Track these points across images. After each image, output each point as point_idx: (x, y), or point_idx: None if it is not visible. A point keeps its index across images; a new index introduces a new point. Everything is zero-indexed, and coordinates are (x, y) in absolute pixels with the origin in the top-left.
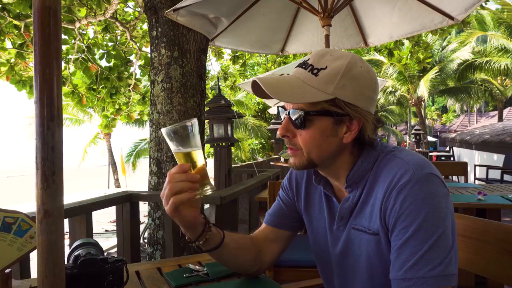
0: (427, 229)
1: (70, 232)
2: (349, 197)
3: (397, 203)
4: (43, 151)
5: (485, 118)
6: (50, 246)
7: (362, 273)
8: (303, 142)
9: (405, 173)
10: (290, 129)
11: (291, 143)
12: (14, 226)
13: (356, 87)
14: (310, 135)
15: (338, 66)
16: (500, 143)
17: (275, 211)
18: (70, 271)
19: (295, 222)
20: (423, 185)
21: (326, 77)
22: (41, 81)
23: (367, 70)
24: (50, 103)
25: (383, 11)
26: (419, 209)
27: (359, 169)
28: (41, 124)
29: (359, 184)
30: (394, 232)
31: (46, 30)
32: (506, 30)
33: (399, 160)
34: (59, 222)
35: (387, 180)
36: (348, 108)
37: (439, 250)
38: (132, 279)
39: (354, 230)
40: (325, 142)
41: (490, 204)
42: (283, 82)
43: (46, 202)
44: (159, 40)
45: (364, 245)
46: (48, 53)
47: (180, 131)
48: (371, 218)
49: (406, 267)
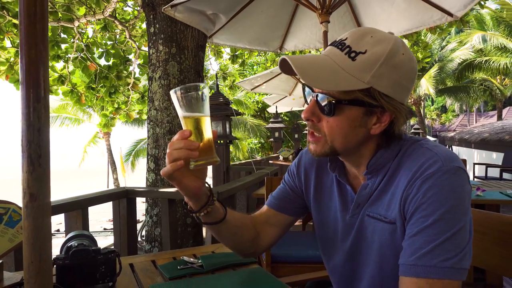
0: (448, 221)
1: (66, 227)
2: (368, 184)
3: (420, 191)
4: (28, 133)
5: (484, 118)
6: (36, 230)
7: (373, 262)
8: (329, 130)
9: (434, 164)
10: (316, 113)
11: (315, 127)
12: (5, 217)
13: (395, 77)
14: (337, 123)
15: (379, 52)
16: (499, 141)
17: (279, 195)
18: (61, 262)
19: (298, 208)
20: (451, 178)
21: (364, 63)
22: (27, 62)
23: (409, 58)
24: (36, 84)
25: (381, 8)
26: (444, 200)
27: (381, 157)
28: (26, 106)
29: (380, 172)
30: (411, 220)
31: (32, 9)
32: (505, 29)
33: (426, 150)
34: (45, 207)
35: (413, 169)
36: (382, 100)
37: (456, 243)
38: (126, 271)
39: (368, 217)
40: (352, 132)
41: (489, 199)
42: (316, 65)
43: (32, 186)
44: (157, 37)
45: (378, 233)
46: (34, 33)
47: (190, 91)
48: (389, 207)
49: (419, 254)
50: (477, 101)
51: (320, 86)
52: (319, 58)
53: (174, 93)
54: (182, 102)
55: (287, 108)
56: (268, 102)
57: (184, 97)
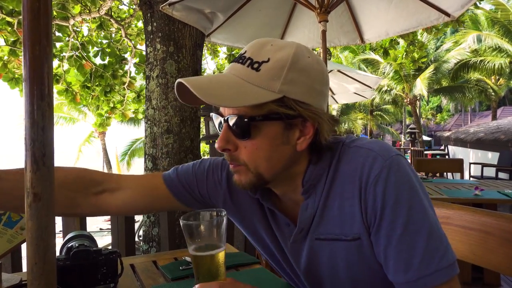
0: (417, 217)
1: (63, 228)
2: (307, 204)
3: (378, 196)
4: (32, 131)
5: (478, 118)
6: (40, 231)
7: (343, 284)
8: (249, 156)
9: (374, 162)
10: (231, 140)
11: (233, 158)
12: (3, 217)
13: (306, 81)
14: (257, 146)
15: (283, 57)
16: (494, 141)
17: (184, 179)
18: (62, 263)
19: (198, 206)
20: (397, 170)
21: (269, 71)
22: (30, 58)
23: (316, 61)
24: (40, 81)
25: (379, 8)
26: (402, 198)
27: (314, 170)
28: (30, 103)
29: (317, 187)
30: (381, 230)
31: (36, 4)
32: (500, 30)
33: (359, 150)
34: (50, 206)
35: (356, 175)
36: (299, 108)
37: (436, 237)
38: (127, 272)
39: (320, 241)
40: (276, 152)
41: (487, 199)
42: (217, 82)
43: (35, 186)
44: (154, 35)
45: (340, 254)
46: (38, 28)
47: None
48: (344, 223)
49: (415, 265)
50: (472, 101)
51: (225, 104)
52: (220, 76)
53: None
54: (197, 235)
55: None
56: None
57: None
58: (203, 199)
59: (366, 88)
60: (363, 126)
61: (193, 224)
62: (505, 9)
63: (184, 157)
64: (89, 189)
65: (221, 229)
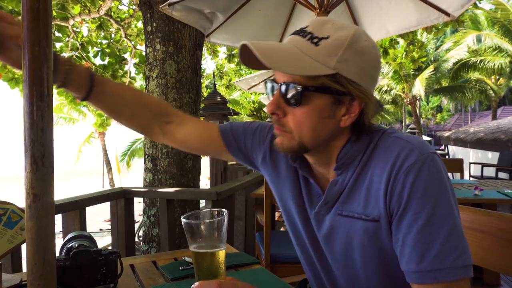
0: (441, 214)
1: (63, 228)
2: (338, 180)
3: (406, 186)
4: (32, 132)
5: (478, 118)
6: (40, 231)
7: (355, 261)
8: (296, 123)
9: (410, 154)
10: (281, 106)
11: (280, 123)
12: (3, 218)
13: (361, 63)
14: (305, 114)
15: (342, 37)
16: (494, 141)
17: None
18: (62, 263)
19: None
20: (431, 166)
21: (328, 48)
22: (30, 59)
23: (373, 45)
24: (39, 82)
25: (379, 7)
26: (431, 192)
27: (351, 149)
28: (30, 104)
29: (350, 166)
30: (404, 218)
31: (35, 5)
32: (500, 30)
33: (396, 139)
34: (49, 207)
35: (389, 161)
36: (350, 86)
37: (457, 236)
38: (126, 272)
39: (341, 216)
40: (321, 124)
41: (487, 199)
42: (278, 50)
43: (35, 186)
44: (154, 35)
45: (357, 232)
46: (37, 29)
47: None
48: (367, 204)
49: (430, 257)
50: (472, 101)
51: (284, 70)
52: (281, 44)
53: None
54: (197, 233)
55: None
56: (265, 102)
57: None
58: (246, 151)
59: None
60: None
61: (194, 223)
62: (505, 8)
63: (184, 157)
64: (163, 116)
65: (222, 229)
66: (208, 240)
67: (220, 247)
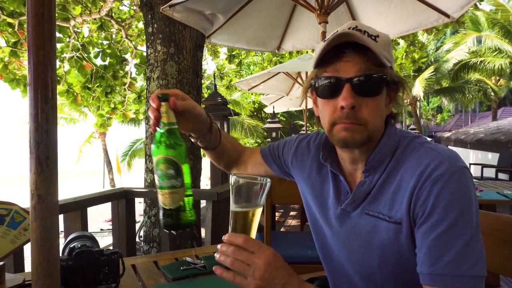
0: (463, 225)
1: (64, 228)
2: (365, 182)
3: (432, 194)
4: (36, 134)
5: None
6: (44, 232)
7: (372, 260)
8: (372, 113)
9: (440, 164)
10: (355, 99)
11: (354, 116)
12: (7, 218)
13: (392, 55)
14: (378, 104)
15: (386, 36)
16: (494, 141)
17: (272, 151)
18: (65, 263)
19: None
20: (460, 179)
21: (383, 44)
22: (35, 63)
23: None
24: (44, 85)
25: (379, 9)
26: (455, 203)
27: (380, 152)
28: (34, 107)
29: (378, 169)
30: (425, 225)
31: (40, 10)
32: (500, 31)
33: (429, 150)
34: (53, 207)
35: (418, 169)
36: (395, 76)
37: (474, 248)
38: (128, 272)
39: (368, 215)
40: (384, 112)
41: (486, 200)
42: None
43: (40, 187)
44: (155, 37)
45: (379, 232)
46: (41, 34)
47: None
48: (392, 206)
49: (444, 262)
50: (472, 102)
51: (382, 60)
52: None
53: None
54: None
55: (284, 108)
56: (265, 102)
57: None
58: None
59: None
60: None
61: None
62: (505, 10)
63: None
64: (240, 156)
65: (262, 192)
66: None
67: (259, 206)
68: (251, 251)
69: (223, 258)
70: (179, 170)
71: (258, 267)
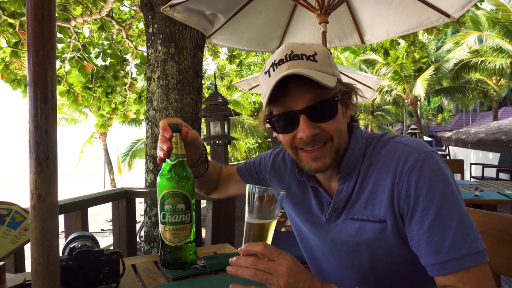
0: (449, 206)
1: (65, 228)
2: (342, 189)
3: (412, 185)
4: (36, 134)
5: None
6: (44, 231)
7: (363, 262)
8: (332, 130)
9: (410, 155)
10: (315, 126)
11: (318, 139)
12: (7, 218)
13: (334, 63)
14: (337, 120)
15: (322, 49)
16: (495, 141)
17: (249, 168)
18: (65, 263)
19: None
20: (431, 163)
21: (323, 60)
22: (35, 63)
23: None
24: (43, 86)
25: (380, 9)
26: (436, 187)
27: (350, 158)
28: (34, 107)
29: (352, 174)
30: (414, 216)
31: (40, 10)
32: (501, 30)
33: (396, 144)
34: (53, 207)
35: (391, 165)
36: (344, 86)
37: (467, 225)
38: (128, 272)
39: (353, 220)
40: (344, 124)
41: (487, 199)
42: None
43: (39, 187)
44: (155, 37)
45: (367, 233)
46: (41, 34)
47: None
48: (373, 206)
49: (446, 248)
50: (473, 102)
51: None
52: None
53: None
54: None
55: None
56: None
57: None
58: (258, 177)
59: (367, 89)
60: (364, 126)
61: (258, 192)
62: (506, 9)
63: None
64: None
65: (278, 203)
66: (264, 212)
67: (273, 218)
68: (271, 258)
69: (242, 271)
70: (189, 205)
71: (282, 274)
